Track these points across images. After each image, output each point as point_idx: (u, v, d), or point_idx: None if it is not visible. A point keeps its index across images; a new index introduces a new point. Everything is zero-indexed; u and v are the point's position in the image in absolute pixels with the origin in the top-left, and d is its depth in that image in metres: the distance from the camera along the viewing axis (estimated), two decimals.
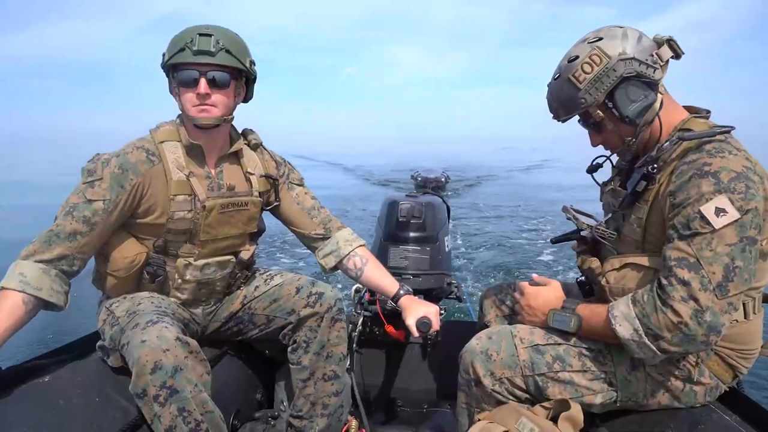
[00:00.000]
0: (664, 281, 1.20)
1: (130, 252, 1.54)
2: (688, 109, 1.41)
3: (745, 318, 1.30)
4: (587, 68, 1.32)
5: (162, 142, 1.56)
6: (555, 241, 1.77)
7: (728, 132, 1.26)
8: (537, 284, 1.54)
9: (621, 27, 1.33)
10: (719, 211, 1.15)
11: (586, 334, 1.36)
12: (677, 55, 1.31)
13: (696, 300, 1.15)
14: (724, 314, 1.16)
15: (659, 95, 1.33)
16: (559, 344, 1.36)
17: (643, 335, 1.21)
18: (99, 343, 1.56)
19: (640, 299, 1.24)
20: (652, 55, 1.30)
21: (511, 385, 1.37)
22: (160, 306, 1.52)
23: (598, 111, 1.35)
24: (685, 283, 1.16)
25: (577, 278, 1.61)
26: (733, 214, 1.15)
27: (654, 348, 1.20)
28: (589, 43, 1.32)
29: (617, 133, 1.37)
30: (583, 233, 1.58)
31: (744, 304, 1.29)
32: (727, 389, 1.39)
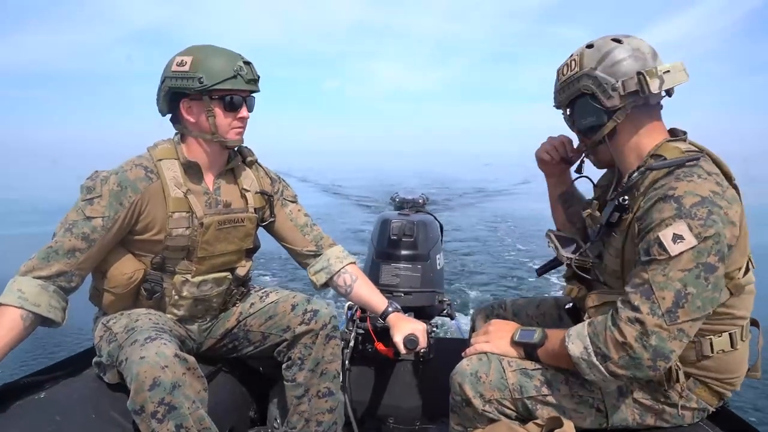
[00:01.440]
0: (619, 304, 1.21)
1: (127, 269, 1.56)
2: (670, 132, 1.38)
3: (732, 347, 1.30)
4: (565, 70, 1.38)
5: (160, 159, 1.59)
6: (540, 272, 1.75)
7: (697, 159, 1.24)
8: None
9: (621, 41, 1.31)
10: (677, 238, 1.14)
11: (547, 354, 1.36)
12: (642, 90, 1.27)
13: (642, 323, 1.15)
14: (672, 341, 1.15)
15: (613, 122, 1.32)
16: (546, 369, 1.37)
17: (592, 354, 1.21)
18: (95, 359, 1.57)
19: (595, 321, 1.25)
20: (616, 82, 1.28)
21: (500, 406, 1.38)
22: (158, 323, 1.53)
23: (565, 112, 1.44)
24: (634, 308, 1.17)
25: (565, 305, 1.63)
26: (690, 241, 1.13)
27: (602, 369, 1.20)
28: (586, 46, 1.35)
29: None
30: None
31: (731, 334, 1.29)
32: (714, 410, 1.42)
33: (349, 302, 2.10)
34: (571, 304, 1.59)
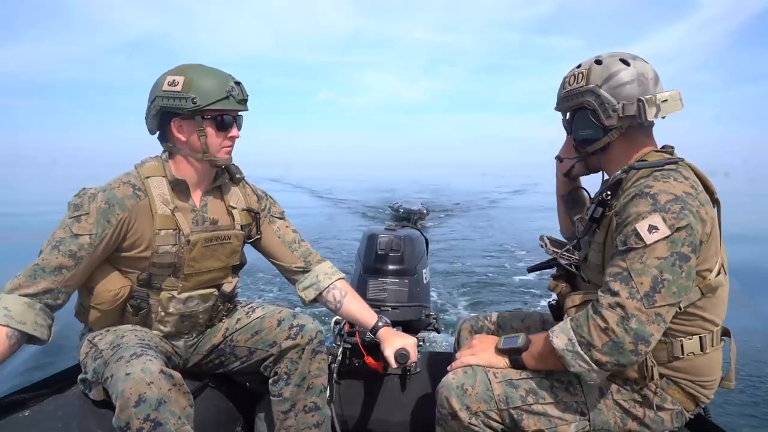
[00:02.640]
0: (599, 293, 1.28)
1: (114, 285, 1.56)
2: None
3: (701, 351, 1.36)
4: (572, 80, 1.45)
5: (148, 177, 1.60)
6: (531, 269, 1.82)
7: (676, 163, 1.34)
8: None
9: (628, 63, 1.38)
10: (652, 228, 1.23)
11: (532, 356, 1.41)
12: (639, 116, 1.34)
13: (623, 307, 1.22)
14: (651, 324, 1.22)
15: (608, 137, 1.41)
16: (531, 378, 1.40)
17: (576, 344, 1.27)
18: (81, 376, 1.56)
19: (577, 315, 1.32)
20: (618, 104, 1.36)
21: (486, 418, 1.39)
22: (144, 339, 1.53)
23: (565, 117, 1.52)
24: (614, 293, 1.24)
25: (549, 301, 1.68)
26: (664, 231, 1.22)
27: (587, 358, 1.25)
28: (594, 61, 1.42)
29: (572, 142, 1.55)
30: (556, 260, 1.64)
31: (701, 337, 1.35)
32: (692, 417, 1.45)
33: (337, 317, 2.11)
34: (555, 301, 1.65)
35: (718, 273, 1.33)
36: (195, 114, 1.56)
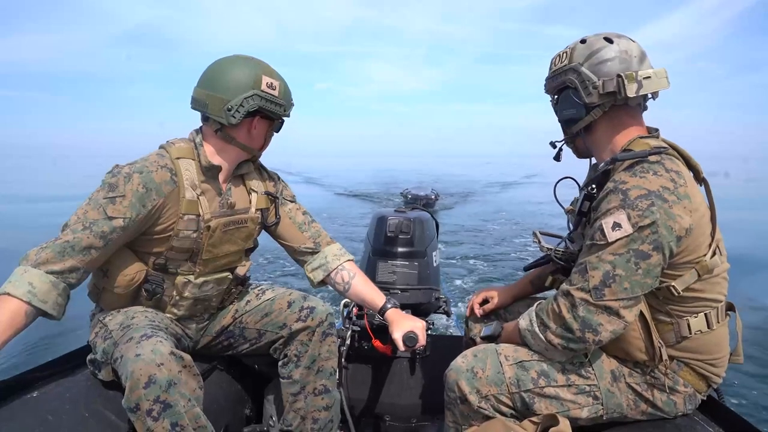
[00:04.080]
0: (564, 283, 1.33)
1: (130, 270, 1.53)
2: (647, 130, 1.42)
3: (708, 327, 1.34)
4: (557, 60, 1.43)
5: (178, 158, 1.55)
6: (527, 268, 1.83)
7: (659, 153, 1.29)
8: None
9: (612, 41, 1.35)
10: (616, 226, 1.23)
11: (508, 340, 1.51)
12: (619, 92, 1.31)
13: (572, 297, 1.28)
14: (600, 314, 1.25)
15: (590, 116, 1.38)
16: (543, 360, 1.39)
17: (536, 325, 1.36)
18: (90, 356, 1.55)
19: (544, 300, 1.38)
20: (597, 80, 1.33)
21: (497, 402, 1.39)
22: (154, 320, 1.51)
23: (553, 98, 1.50)
24: (571, 283, 1.30)
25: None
26: (626, 230, 1.22)
27: (542, 337, 1.34)
28: (580, 41, 1.39)
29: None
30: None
31: (706, 314, 1.33)
32: (705, 399, 1.44)
33: (345, 300, 2.09)
34: None
35: (714, 254, 1.30)
36: (277, 118, 1.64)
